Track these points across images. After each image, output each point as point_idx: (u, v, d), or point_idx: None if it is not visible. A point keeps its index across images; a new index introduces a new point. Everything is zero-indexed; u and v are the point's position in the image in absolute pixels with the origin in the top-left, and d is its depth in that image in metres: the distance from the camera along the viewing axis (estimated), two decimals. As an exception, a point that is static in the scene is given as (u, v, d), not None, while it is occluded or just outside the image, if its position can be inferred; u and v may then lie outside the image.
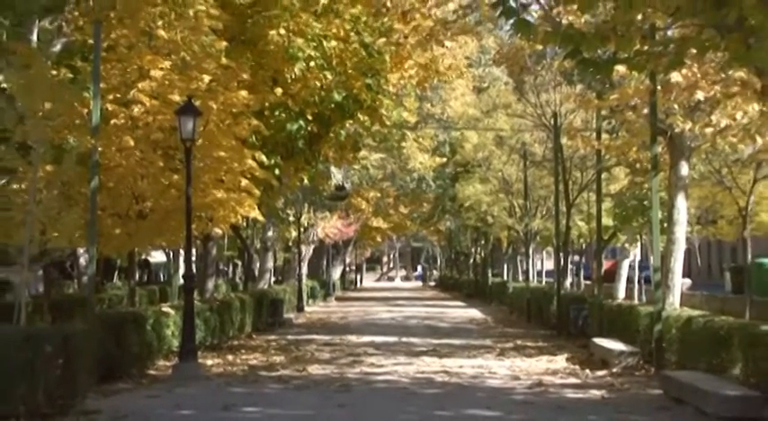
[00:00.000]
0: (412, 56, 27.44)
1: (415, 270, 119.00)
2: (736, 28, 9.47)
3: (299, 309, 39.31)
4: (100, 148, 16.73)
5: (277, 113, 22.46)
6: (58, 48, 20.04)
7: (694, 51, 10.72)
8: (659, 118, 19.04)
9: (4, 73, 18.35)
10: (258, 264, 38.31)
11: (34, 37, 19.56)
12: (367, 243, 79.32)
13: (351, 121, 25.76)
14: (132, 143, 17.74)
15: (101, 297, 26.44)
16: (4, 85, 18.01)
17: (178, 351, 17.93)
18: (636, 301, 27.16)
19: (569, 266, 35.14)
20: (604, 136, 25.92)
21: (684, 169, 20.27)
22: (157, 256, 45.91)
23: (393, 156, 47.97)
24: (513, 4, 10.59)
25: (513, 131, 39.22)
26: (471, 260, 66.54)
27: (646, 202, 24.52)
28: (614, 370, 17.16)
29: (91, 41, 17.39)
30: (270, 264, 40.34)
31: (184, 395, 14.50)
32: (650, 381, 15.64)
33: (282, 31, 21.79)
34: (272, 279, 41.76)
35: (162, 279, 48.34)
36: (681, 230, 19.96)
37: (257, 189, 19.97)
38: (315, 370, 18.05)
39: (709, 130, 19.54)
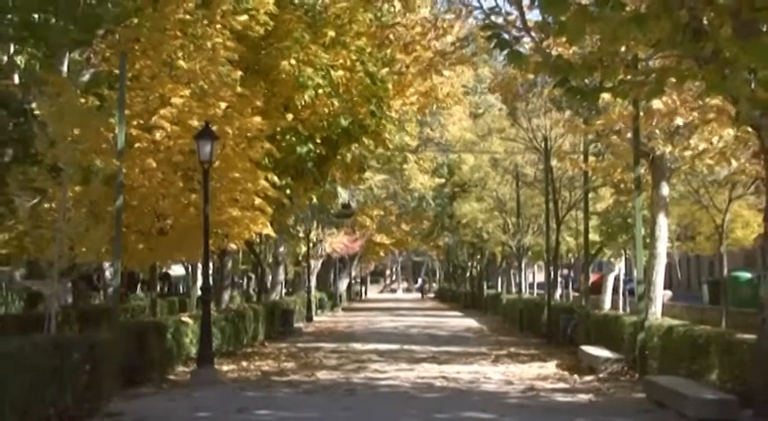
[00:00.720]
0: (413, 84, 27.49)
1: (416, 283, 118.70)
2: (713, 59, 9.51)
3: (309, 318, 39.23)
4: (124, 170, 16.75)
5: (288, 137, 22.48)
6: (86, 77, 20.15)
7: (674, 80, 10.75)
8: (642, 141, 19.04)
9: (36, 101, 18.42)
10: (270, 277, 38.29)
11: (65, 67, 19.67)
12: (371, 257, 78.87)
13: (356, 145, 25.77)
14: (154, 165, 17.80)
15: (125, 307, 26.40)
16: (37, 112, 18.07)
17: (196, 357, 17.90)
18: (621, 312, 27.12)
19: (559, 279, 35.08)
20: (591, 158, 25.93)
21: (665, 189, 20.25)
22: (177, 270, 45.88)
23: (395, 176, 48.00)
24: (506, 37, 10.63)
25: (506, 154, 39.25)
26: (468, 273, 66.46)
27: (629, 220, 24.51)
28: (601, 375, 17.12)
29: (117, 71, 17.47)
30: (281, 277, 40.33)
31: (202, 398, 14.48)
32: (634, 386, 15.62)
33: (293, 62, 21.82)
34: (284, 291, 41.72)
35: (181, 291, 48.21)
36: (662, 246, 19.93)
37: (270, 207, 19.98)
38: (323, 375, 18.01)
39: (687, 153, 19.57)
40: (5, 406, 9.85)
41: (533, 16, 14.14)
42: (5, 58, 19.66)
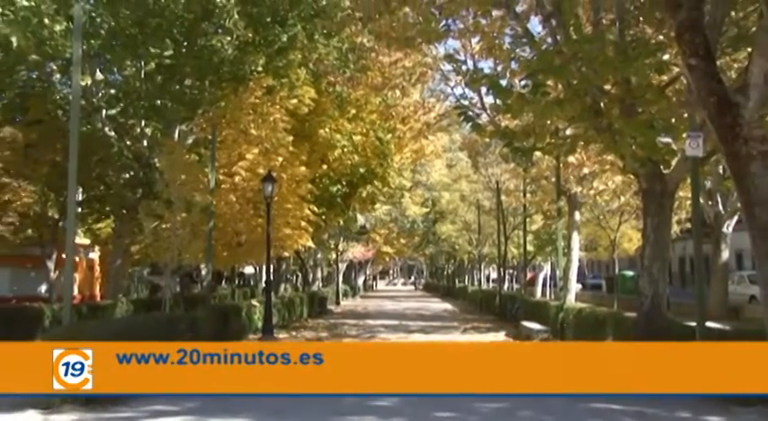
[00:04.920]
0: (408, 145, 27.64)
1: (411, 279, 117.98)
2: (607, 130, 9.60)
3: (337, 303, 39.01)
4: (214, 203, 16.87)
5: (323, 180, 22.60)
6: (189, 141, 20.22)
7: (582, 143, 10.85)
8: (561, 184, 19.13)
9: (157, 157, 18.56)
10: (311, 275, 38.22)
11: (176, 135, 19.78)
12: (380, 261, 78.41)
13: (369, 186, 25.87)
14: (234, 199, 17.91)
15: (214, 295, 26.30)
16: (158, 165, 18.21)
17: (261, 329, 17.91)
18: (548, 298, 27.09)
19: (506, 276, 35.04)
20: (528, 195, 26.02)
21: (577, 216, 20.32)
22: (249, 269, 45.80)
23: (396, 207, 48.00)
24: (471, 114, 10.75)
25: (471, 192, 39.37)
26: (445, 272, 66.31)
27: (553, 236, 24.55)
28: (535, 341, 17.01)
29: (210, 137, 17.61)
30: (319, 275, 40.23)
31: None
32: (557, 348, 15.50)
33: (327, 130, 22.01)
34: (320, 284, 41.61)
35: (251, 284, 48.18)
36: (575, 254, 19.98)
37: (311, 228, 20.05)
38: (347, 341, 17.92)
39: (591, 192, 19.68)
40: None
41: (489, 100, 14.28)
42: (139, 129, 19.85)
